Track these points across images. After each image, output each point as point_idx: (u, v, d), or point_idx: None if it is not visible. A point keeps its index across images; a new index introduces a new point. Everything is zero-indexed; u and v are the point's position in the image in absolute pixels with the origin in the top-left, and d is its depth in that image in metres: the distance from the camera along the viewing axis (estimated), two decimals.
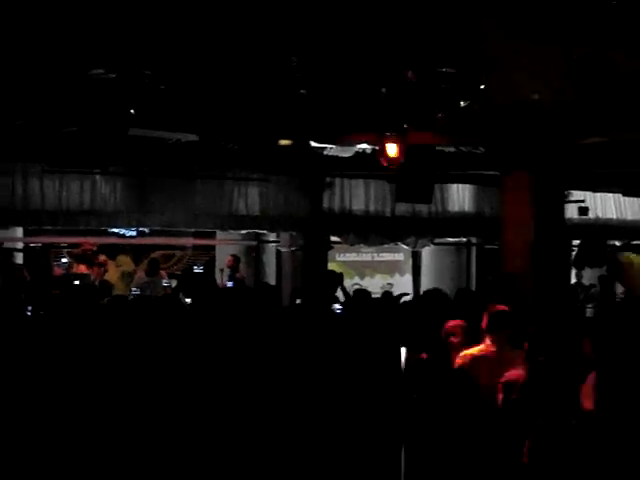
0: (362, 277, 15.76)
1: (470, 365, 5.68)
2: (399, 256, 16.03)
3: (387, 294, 11.13)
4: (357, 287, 12.40)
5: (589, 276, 14.61)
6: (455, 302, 8.97)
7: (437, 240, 14.62)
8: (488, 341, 5.96)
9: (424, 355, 5.84)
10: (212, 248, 15.80)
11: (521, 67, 7.08)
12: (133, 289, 12.79)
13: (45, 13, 6.19)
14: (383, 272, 16.04)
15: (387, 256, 15.98)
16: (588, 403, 3.98)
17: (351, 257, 15.70)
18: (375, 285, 15.09)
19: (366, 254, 15.82)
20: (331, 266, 13.86)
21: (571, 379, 4.45)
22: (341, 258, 15.43)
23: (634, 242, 15.33)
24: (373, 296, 10.54)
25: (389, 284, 15.39)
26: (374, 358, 5.92)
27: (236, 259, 14.23)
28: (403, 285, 15.48)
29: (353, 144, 9.63)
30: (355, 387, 5.42)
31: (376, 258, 15.99)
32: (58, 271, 14.50)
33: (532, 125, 9.03)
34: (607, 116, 8.35)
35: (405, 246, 14.36)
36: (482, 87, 7.61)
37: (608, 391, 3.84)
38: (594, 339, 4.52)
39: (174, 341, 6.31)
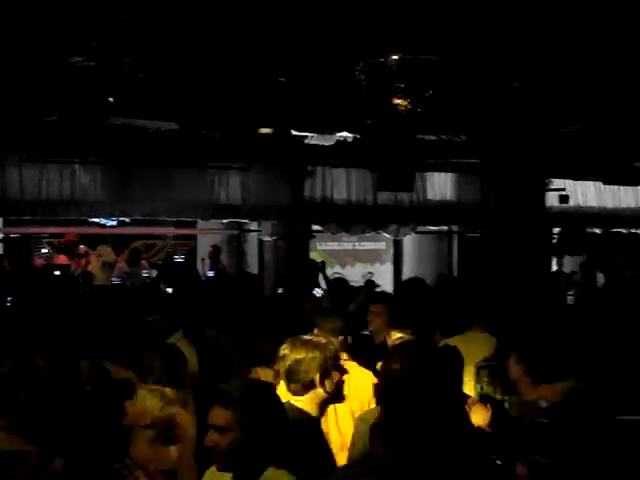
0: (343, 266, 15.78)
1: None
2: (380, 245, 16.07)
3: (370, 283, 11.16)
4: (337, 276, 12.43)
5: (571, 264, 14.69)
6: (436, 288, 9.01)
7: (419, 228, 14.65)
8: None
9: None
10: (193, 237, 15.77)
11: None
12: (114, 279, 12.75)
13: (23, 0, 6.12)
14: (364, 261, 16.06)
15: (368, 245, 16.02)
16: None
17: (332, 246, 15.72)
18: (356, 274, 15.12)
19: (347, 243, 15.84)
20: (312, 255, 13.87)
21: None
22: (322, 247, 15.44)
23: (614, 230, 15.43)
24: (354, 284, 10.60)
25: (370, 273, 15.44)
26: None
27: (216, 249, 14.21)
28: (384, 274, 15.53)
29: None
30: None
31: (357, 247, 16.01)
32: (39, 261, 14.42)
33: (513, 113, 9.05)
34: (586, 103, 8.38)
35: (387, 234, 14.37)
36: (463, 74, 7.61)
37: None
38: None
39: (155, 330, 6.27)
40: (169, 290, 10.66)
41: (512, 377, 4.16)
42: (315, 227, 13.80)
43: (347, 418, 4.62)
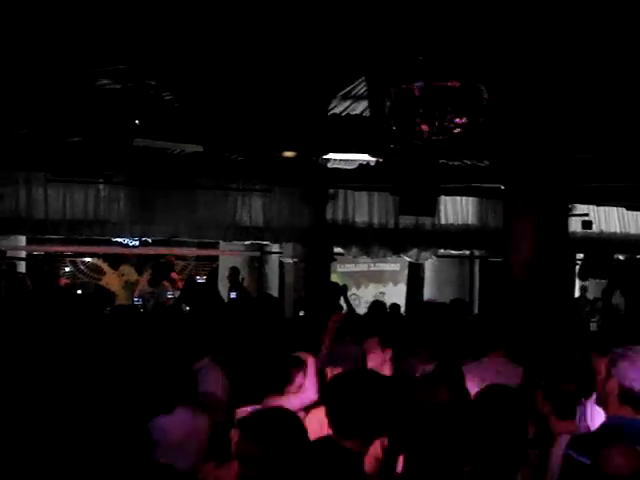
0: (358, 287, 15.72)
1: None
2: (395, 266, 15.98)
3: (394, 306, 11.10)
4: (354, 297, 12.40)
5: (593, 290, 14.60)
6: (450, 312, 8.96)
7: (440, 252, 14.60)
8: None
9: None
10: (215, 258, 15.81)
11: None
12: (135, 299, 12.79)
13: (50, 22, 6.20)
14: (377, 281, 15.97)
15: (383, 266, 15.93)
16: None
17: (349, 268, 15.67)
18: (368, 294, 15.07)
19: (363, 264, 15.76)
20: (332, 277, 13.85)
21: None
22: (341, 269, 15.41)
23: (638, 256, 15.31)
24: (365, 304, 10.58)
25: (381, 293, 15.36)
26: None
27: (235, 271, 14.19)
28: (396, 294, 15.41)
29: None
30: None
31: (372, 268, 15.92)
32: (62, 281, 14.51)
33: (536, 138, 9.03)
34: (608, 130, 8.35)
35: (408, 258, 14.34)
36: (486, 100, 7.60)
37: None
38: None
39: (176, 351, 6.28)
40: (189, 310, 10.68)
41: (541, 411, 4.12)
42: (336, 249, 13.79)
43: None
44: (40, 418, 4.94)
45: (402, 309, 12.08)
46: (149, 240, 13.63)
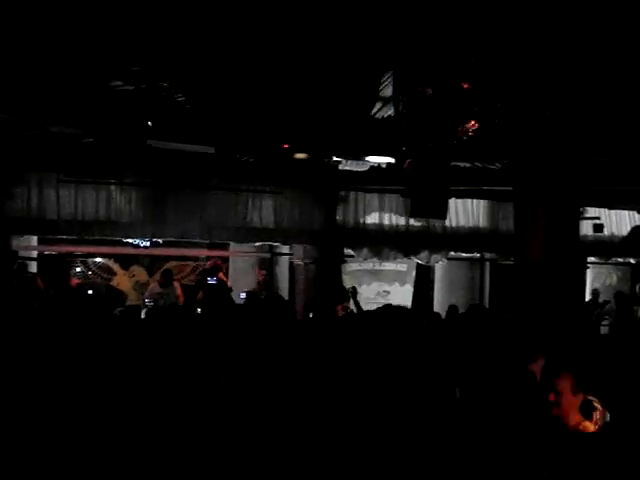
0: (361, 285, 15.62)
1: None
2: (402, 266, 15.88)
3: (387, 306, 11.05)
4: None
5: (605, 294, 14.56)
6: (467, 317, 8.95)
7: (451, 255, 14.58)
8: None
9: None
10: (226, 259, 15.81)
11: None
12: (146, 300, 12.80)
13: (65, 24, 6.23)
14: (381, 280, 15.84)
15: (389, 265, 15.83)
16: None
17: (354, 267, 15.59)
18: (371, 291, 14.99)
19: (367, 263, 15.65)
20: (343, 277, 13.83)
21: None
22: (351, 268, 15.33)
23: None
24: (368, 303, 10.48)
25: (385, 291, 15.28)
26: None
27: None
28: (401, 294, 15.32)
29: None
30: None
31: (376, 267, 15.80)
32: (74, 281, 14.53)
33: (547, 141, 9.02)
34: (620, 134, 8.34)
35: (419, 261, 14.32)
36: (498, 102, 7.60)
37: None
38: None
39: (186, 352, 6.30)
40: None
41: None
42: (347, 251, 13.78)
43: None
44: (50, 418, 4.96)
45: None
46: (160, 241, 13.65)
